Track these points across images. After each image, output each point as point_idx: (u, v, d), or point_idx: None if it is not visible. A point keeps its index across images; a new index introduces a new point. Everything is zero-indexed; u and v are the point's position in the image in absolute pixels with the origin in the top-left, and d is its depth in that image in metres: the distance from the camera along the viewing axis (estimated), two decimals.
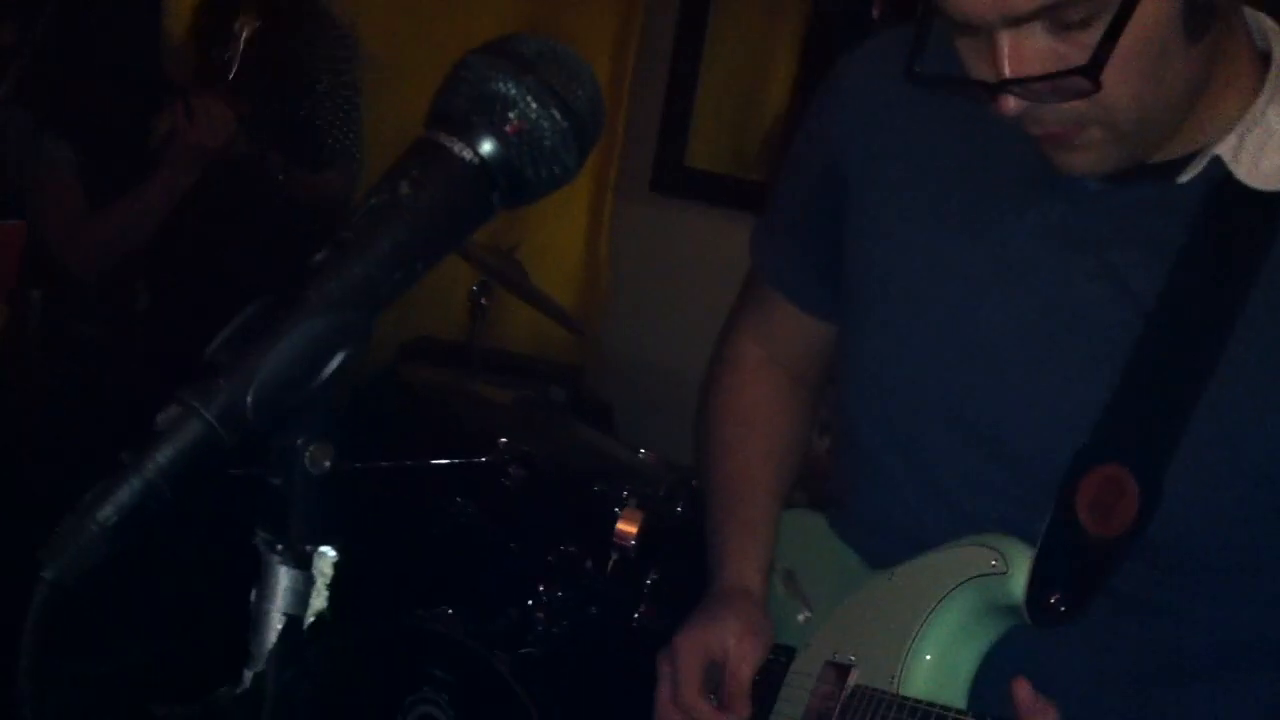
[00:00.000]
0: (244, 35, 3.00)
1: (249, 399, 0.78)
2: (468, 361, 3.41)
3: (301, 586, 0.83)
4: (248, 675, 0.81)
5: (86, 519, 0.76)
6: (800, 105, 4.07)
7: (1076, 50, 1.08)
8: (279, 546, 0.82)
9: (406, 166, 0.84)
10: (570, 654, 2.66)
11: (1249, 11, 1.22)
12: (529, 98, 0.84)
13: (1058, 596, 1.19)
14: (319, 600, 0.83)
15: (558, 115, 0.85)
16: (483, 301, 3.38)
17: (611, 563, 2.69)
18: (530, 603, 2.69)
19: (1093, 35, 1.07)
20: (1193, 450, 1.15)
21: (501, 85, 0.84)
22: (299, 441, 0.81)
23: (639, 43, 4.30)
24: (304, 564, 0.83)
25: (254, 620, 0.82)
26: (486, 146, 0.84)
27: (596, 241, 4.43)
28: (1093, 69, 1.06)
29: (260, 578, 0.83)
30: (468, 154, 0.84)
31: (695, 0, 4.21)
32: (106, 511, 0.76)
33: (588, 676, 2.68)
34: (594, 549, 2.71)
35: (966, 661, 1.30)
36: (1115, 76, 1.07)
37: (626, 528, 2.66)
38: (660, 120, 4.34)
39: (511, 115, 0.84)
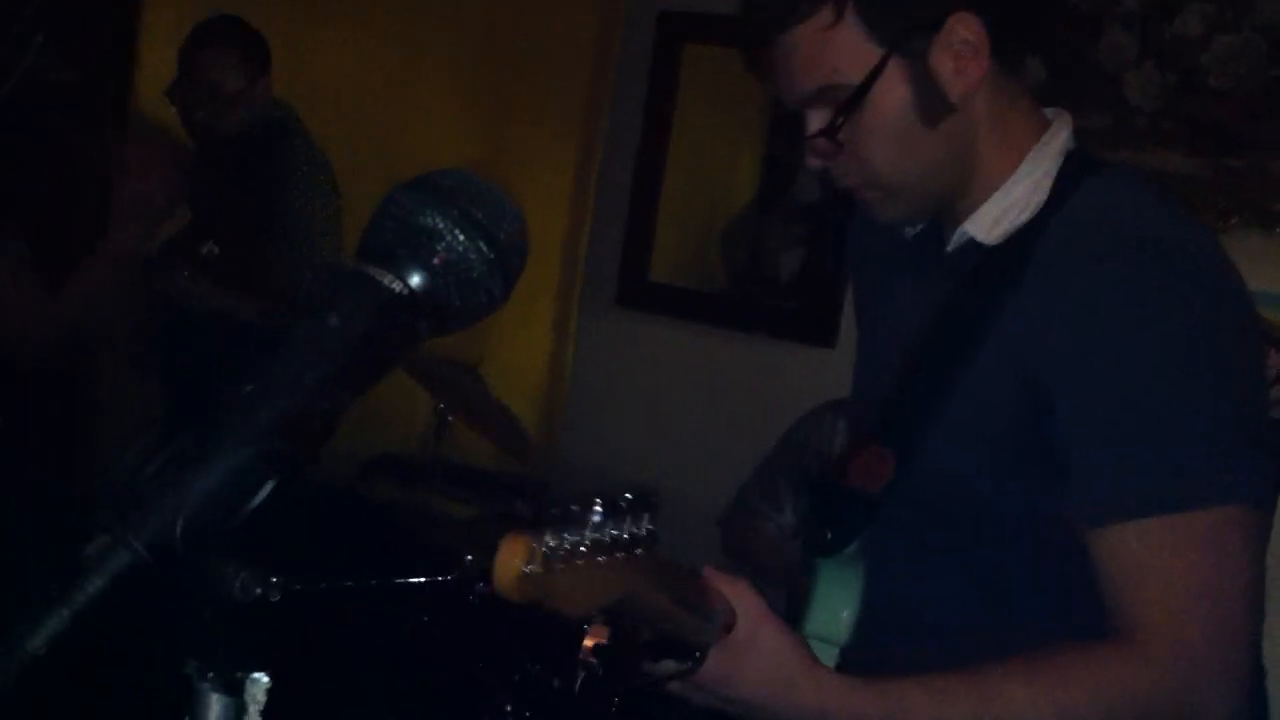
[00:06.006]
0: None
1: (178, 528, 0.79)
2: (431, 477, 3.41)
3: (233, 714, 0.83)
4: None
5: (16, 649, 0.78)
6: (758, 217, 4.14)
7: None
8: (209, 674, 0.83)
9: (335, 298, 0.86)
10: None
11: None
12: (455, 230, 0.87)
13: (829, 534, 1.59)
14: None
15: (484, 246, 0.88)
16: (448, 419, 3.39)
17: (579, 681, 2.67)
18: None
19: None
20: (944, 428, 1.50)
21: (428, 218, 0.87)
22: (229, 569, 0.82)
23: (602, 159, 4.36)
24: (235, 691, 0.83)
25: None
26: (415, 279, 0.87)
27: (561, 356, 4.45)
28: (829, 132, 1.43)
29: (191, 706, 0.84)
30: (397, 285, 0.86)
31: (657, 117, 4.28)
32: (36, 642, 0.78)
33: None
34: (561, 667, 2.69)
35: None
36: (867, 147, 1.44)
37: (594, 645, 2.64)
38: (624, 235, 4.40)
39: (439, 247, 0.87)
